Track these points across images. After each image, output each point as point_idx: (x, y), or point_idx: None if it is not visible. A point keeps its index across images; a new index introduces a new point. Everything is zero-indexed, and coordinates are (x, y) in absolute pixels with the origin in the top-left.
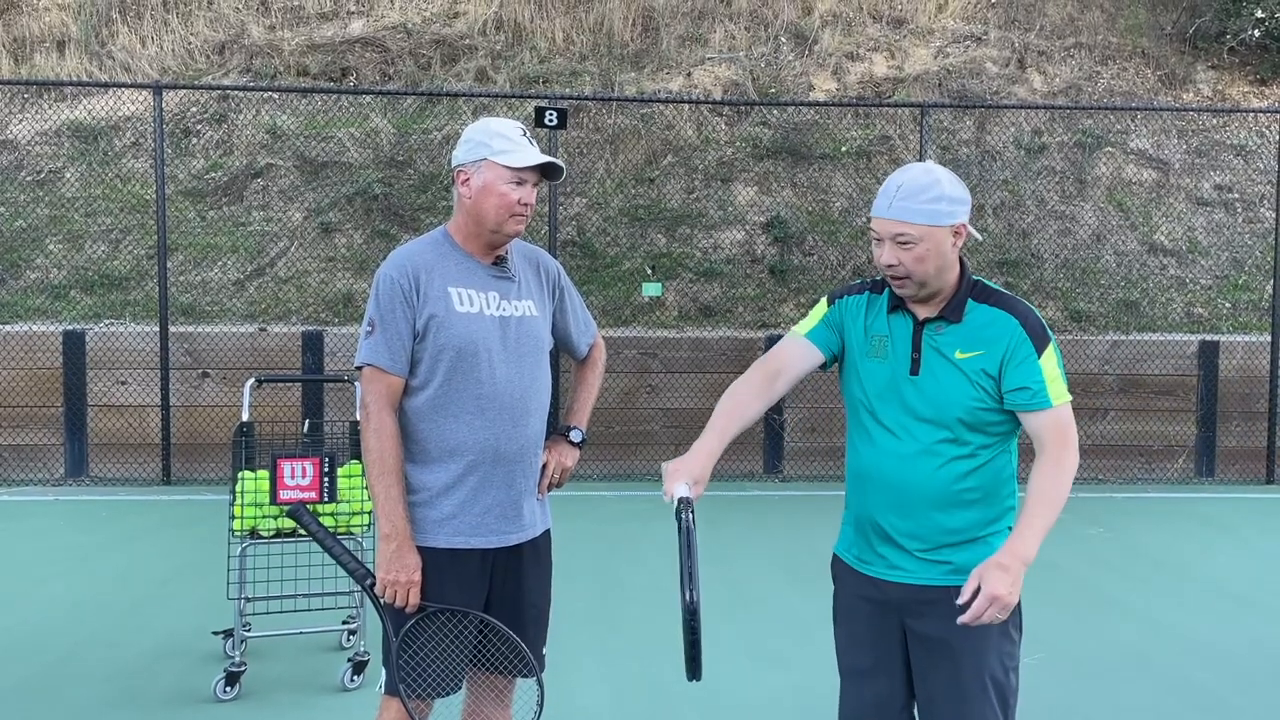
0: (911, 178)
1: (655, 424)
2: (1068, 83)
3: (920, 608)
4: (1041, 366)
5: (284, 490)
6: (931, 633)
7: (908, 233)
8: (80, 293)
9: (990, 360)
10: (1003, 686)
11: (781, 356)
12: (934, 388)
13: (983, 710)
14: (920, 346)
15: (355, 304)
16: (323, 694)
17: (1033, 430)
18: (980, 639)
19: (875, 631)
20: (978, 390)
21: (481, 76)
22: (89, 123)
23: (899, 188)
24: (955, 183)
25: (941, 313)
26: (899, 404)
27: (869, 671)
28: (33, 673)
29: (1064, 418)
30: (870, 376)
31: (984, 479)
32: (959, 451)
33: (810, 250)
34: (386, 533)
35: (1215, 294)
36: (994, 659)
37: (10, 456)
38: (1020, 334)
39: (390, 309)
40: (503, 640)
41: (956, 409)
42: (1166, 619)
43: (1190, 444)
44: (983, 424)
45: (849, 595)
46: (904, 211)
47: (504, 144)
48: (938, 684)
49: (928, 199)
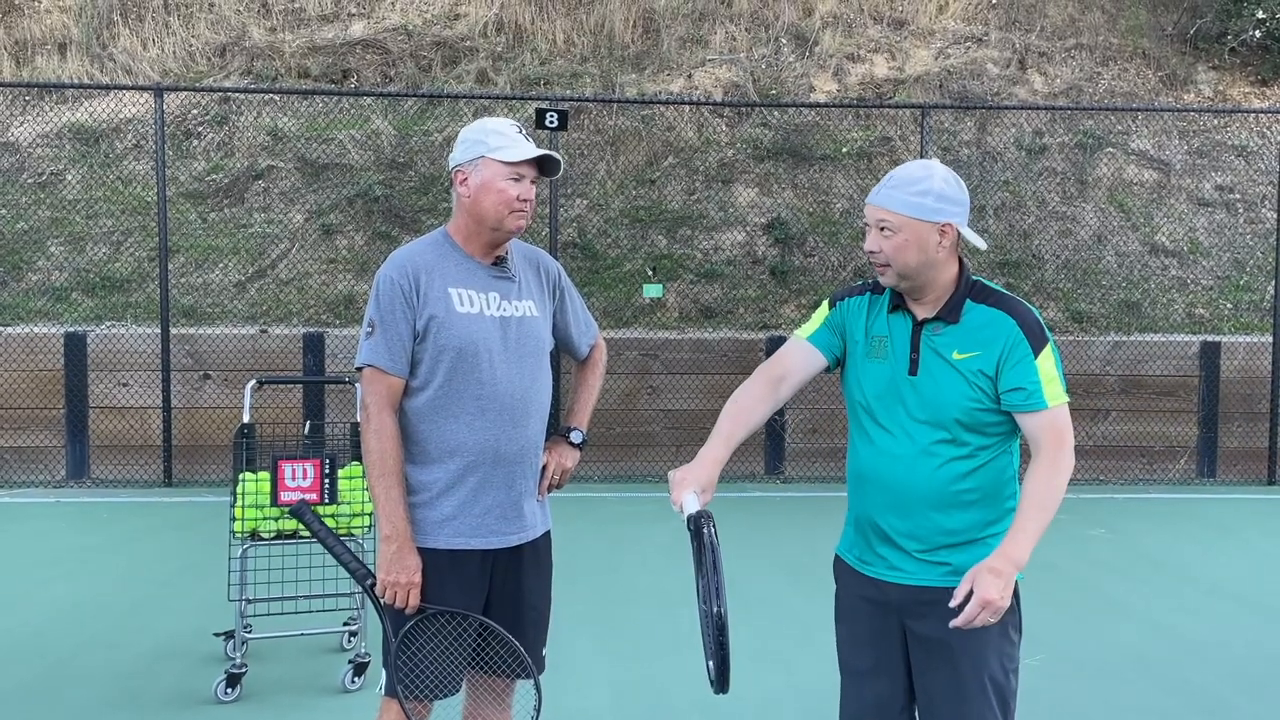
0: (907, 170)
1: (656, 425)
2: (1068, 83)
3: (920, 609)
4: (1038, 367)
5: (285, 492)
6: (931, 634)
7: (888, 220)
8: (82, 295)
9: (987, 361)
10: (1002, 688)
11: (785, 361)
12: (932, 388)
13: (982, 711)
14: (919, 347)
15: (356, 306)
16: (324, 695)
17: (1028, 431)
18: (980, 640)
19: (876, 632)
20: (975, 391)
21: (482, 78)
22: (90, 125)
23: (892, 177)
24: (952, 183)
25: (939, 313)
26: (898, 405)
27: (869, 672)
28: (34, 674)
29: (1060, 419)
30: (870, 377)
31: (983, 480)
32: (957, 452)
33: (811, 251)
34: (387, 534)
35: (1216, 295)
36: (994, 660)
37: (11, 458)
38: (1017, 334)
39: (390, 310)
40: (502, 642)
41: (954, 410)
42: (1167, 620)
43: (1192, 445)
44: (981, 425)
45: (850, 595)
46: (889, 199)
47: (500, 140)
48: (937, 685)
49: (914, 191)
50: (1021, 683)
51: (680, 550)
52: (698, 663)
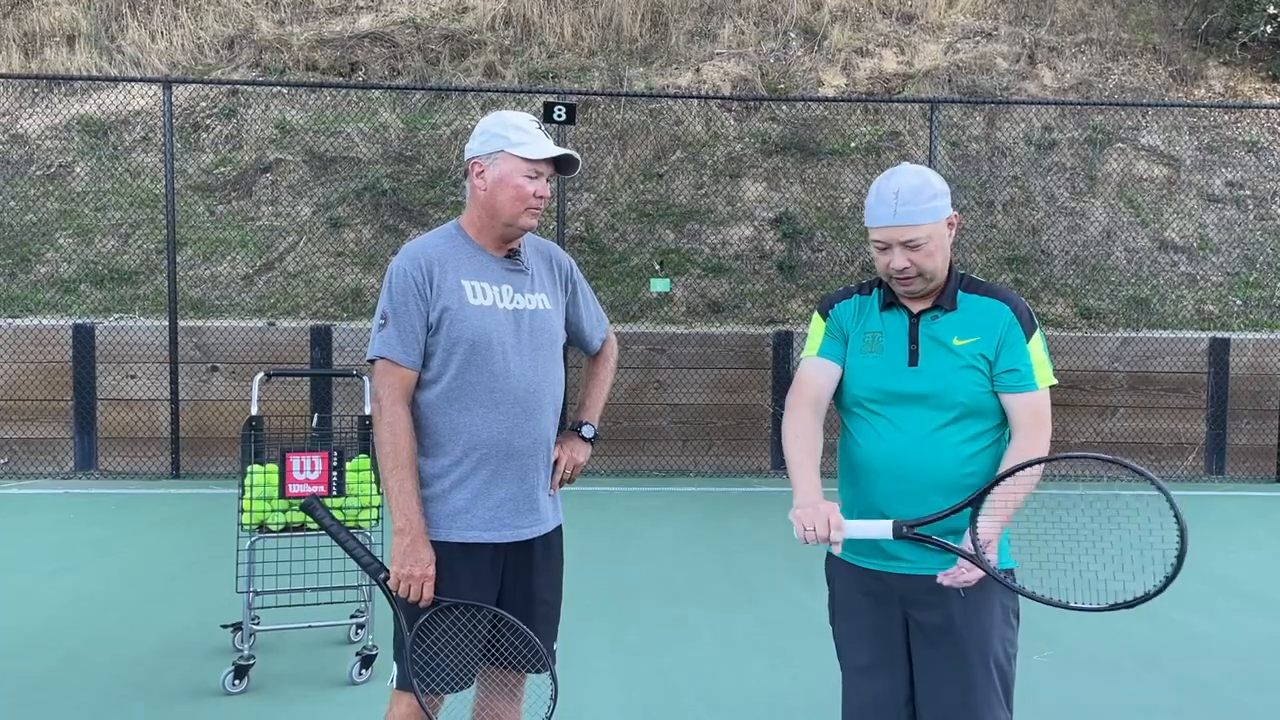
0: (906, 183)
1: (663, 420)
2: (1078, 78)
3: (927, 598)
4: (1030, 350)
5: (293, 484)
6: (936, 621)
7: (917, 236)
8: (90, 287)
9: (987, 345)
10: (1005, 671)
11: (812, 385)
12: (935, 375)
13: (987, 695)
14: (918, 339)
15: (364, 299)
16: (331, 688)
17: (1013, 412)
18: (984, 624)
19: (876, 626)
20: (976, 374)
21: (490, 72)
22: (99, 117)
23: (896, 194)
24: (938, 177)
25: (936, 303)
26: (900, 395)
27: (871, 667)
28: (44, 666)
29: (1044, 401)
30: (867, 371)
31: (986, 463)
32: (961, 436)
33: (819, 246)
34: (400, 526)
35: (1226, 291)
36: (997, 644)
37: (20, 449)
38: (1012, 318)
39: (404, 302)
40: (515, 635)
41: (958, 394)
42: (1175, 616)
43: (1200, 441)
44: (984, 408)
45: (847, 591)
46: (910, 216)
47: (521, 136)
48: (943, 670)
49: (927, 199)
50: (1029, 678)
51: (686, 544)
52: (705, 657)
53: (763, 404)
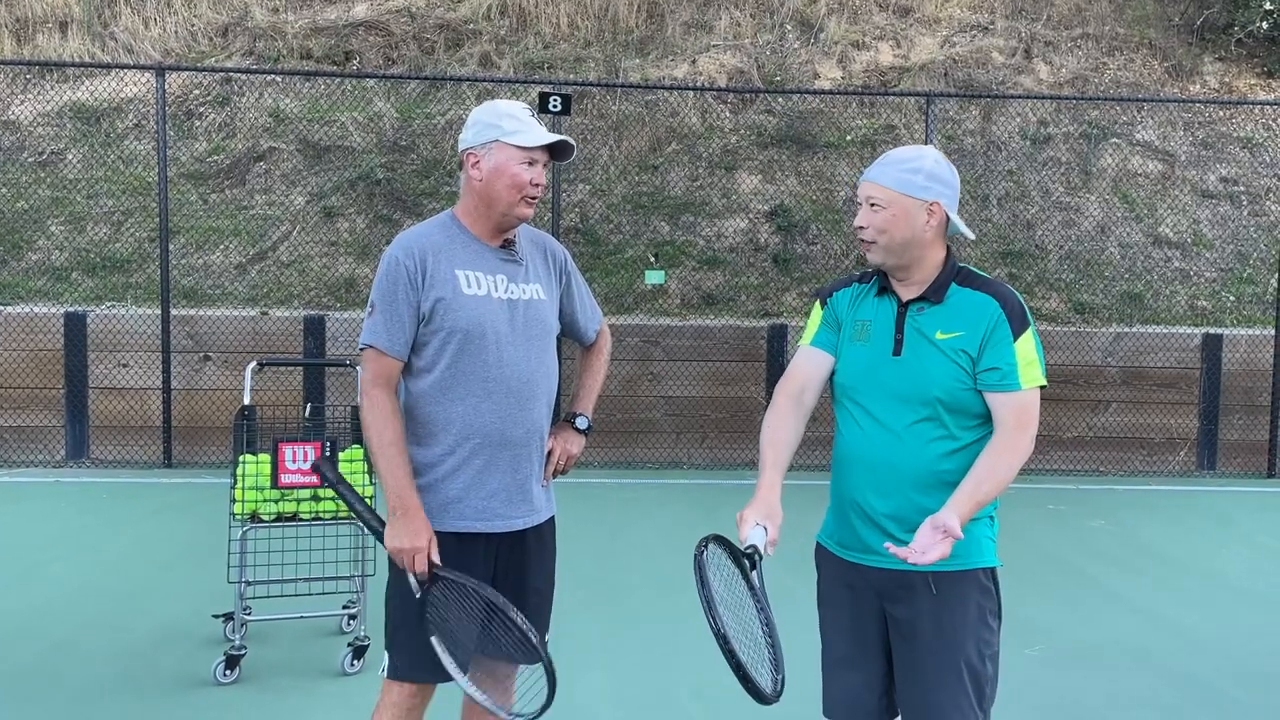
0: (900, 150)
1: (657, 412)
2: (1074, 73)
3: (899, 592)
4: (1016, 349)
5: (285, 474)
6: (909, 617)
7: (876, 195)
8: (82, 275)
9: (970, 341)
10: (978, 674)
11: (799, 374)
12: (915, 367)
13: (956, 696)
14: (903, 328)
15: (357, 288)
16: (323, 678)
17: (995, 411)
18: (955, 623)
19: (855, 618)
20: (957, 370)
21: (485, 61)
22: (91, 104)
23: (885, 156)
24: (943, 165)
25: (924, 294)
26: (881, 385)
27: (848, 658)
28: (34, 655)
29: (1028, 401)
30: (854, 360)
31: (965, 461)
32: (940, 432)
33: (814, 239)
34: (393, 504)
35: (1219, 287)
36: (970, 645)
37: (11, 438)
38: (999, 315)
39: (393, 291)
40: (509, 627)
41: (936, 388)
42: (1167, 612)
43: (1192, 437)
44: (963, 405)
45: (831, 582)
46: (879, 175)
47: (514, 124)
48: (913, 668)
49: (905, 168)
50: (1021, 672)
51: (679, 536)
52: (697, 649)
53: (757, 397)
